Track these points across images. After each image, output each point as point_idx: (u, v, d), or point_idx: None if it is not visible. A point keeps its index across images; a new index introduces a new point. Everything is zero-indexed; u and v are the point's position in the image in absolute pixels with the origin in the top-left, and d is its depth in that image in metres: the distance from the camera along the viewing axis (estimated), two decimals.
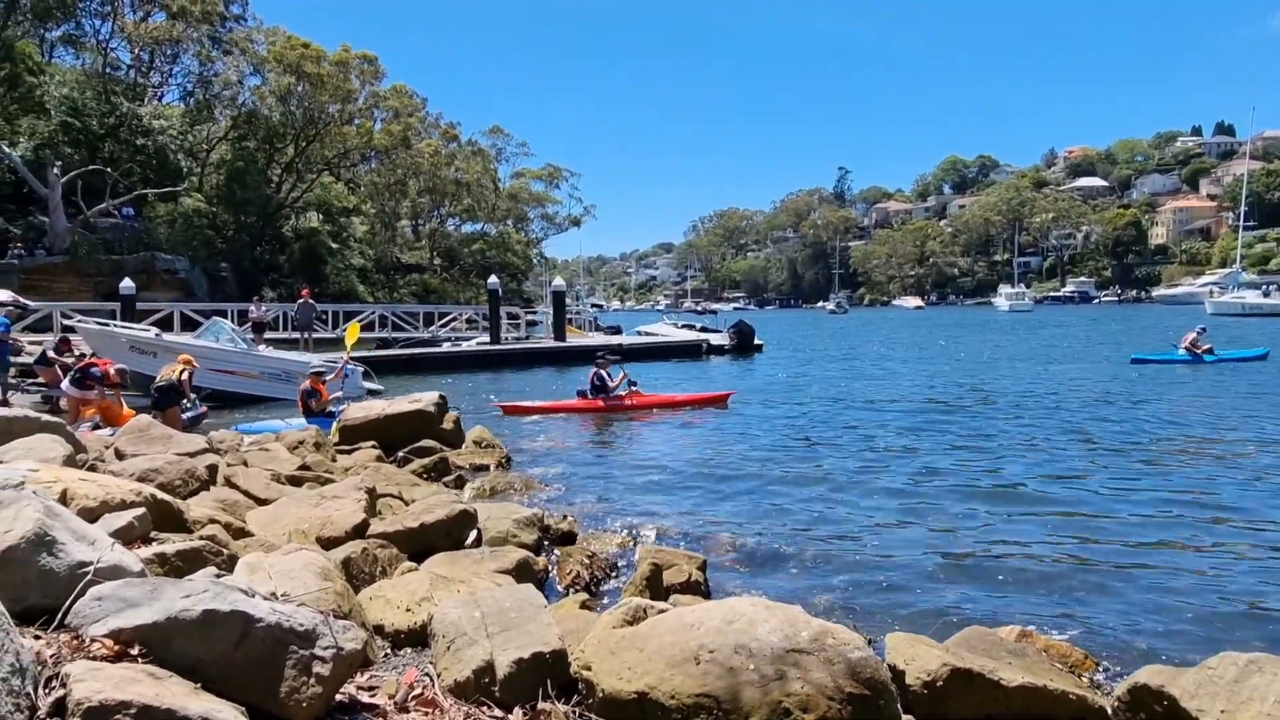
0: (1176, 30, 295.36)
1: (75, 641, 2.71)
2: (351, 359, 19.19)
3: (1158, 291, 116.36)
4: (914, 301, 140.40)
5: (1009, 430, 14.26)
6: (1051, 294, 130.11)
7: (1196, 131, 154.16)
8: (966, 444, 13.09)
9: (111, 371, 13.18)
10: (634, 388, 17.02)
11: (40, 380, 16.82)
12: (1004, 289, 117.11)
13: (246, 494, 7.23)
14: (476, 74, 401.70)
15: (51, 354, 16.14)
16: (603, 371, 16.88)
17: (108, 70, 39.76)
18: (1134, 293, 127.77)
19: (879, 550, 7.47)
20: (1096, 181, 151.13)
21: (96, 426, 11.82)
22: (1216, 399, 17.97)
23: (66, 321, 20.68)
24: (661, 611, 3.90)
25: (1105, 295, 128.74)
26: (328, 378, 15.01)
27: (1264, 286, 75.08)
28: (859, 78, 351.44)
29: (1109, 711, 3.88)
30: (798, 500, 9.44)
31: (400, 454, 10.81)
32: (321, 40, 43.57)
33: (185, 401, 13.14)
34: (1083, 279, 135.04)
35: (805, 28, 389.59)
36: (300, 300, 27.41)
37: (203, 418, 13.80)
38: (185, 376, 12.99)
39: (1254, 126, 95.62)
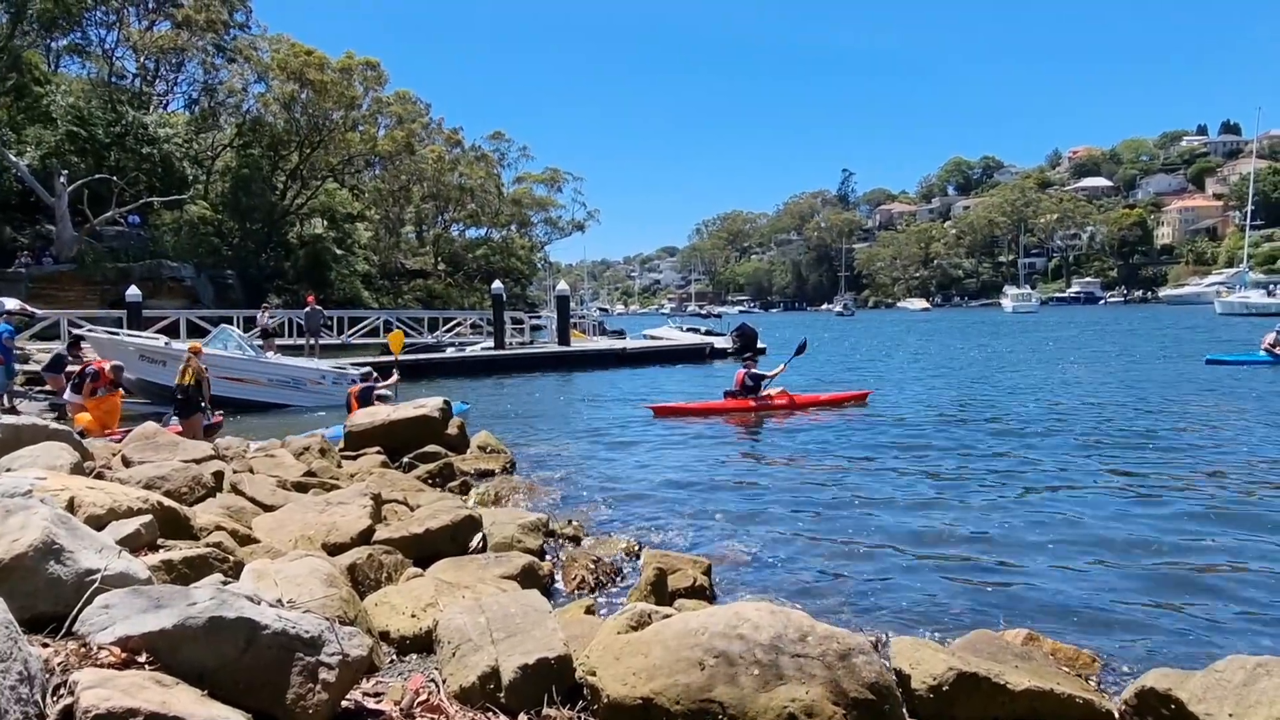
0: (1181, 29, 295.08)
1: (83, 649, 2.73)
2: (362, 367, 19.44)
3: (1164, 292, 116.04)
4: (920, 303, 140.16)
5: (1052, 438, 13.75)
6: (1057, 295, 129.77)
7: (1202, 131, 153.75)
8: (991, 449, 12.94)
9: (106, 369, 13.15)
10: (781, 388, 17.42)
11: (48, 388, 16.86)
12: (1010, 290, 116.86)
13: (253, 501, 7.25)
14: (479, 79, 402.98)
15: (66, 354, 16.11)
16: (752, 371, 17.13)
17: (113, 79, 40.01)
18: (1140, 293, 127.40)
19: (885, 554, 7.45)
20: (1101, 181, 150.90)
21: (82, 434, 11.31)
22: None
23: (75, 330, 20.78)
24: (666, 616, 3.90)
25: (1111, 296, 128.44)
26: (380, 388, 15.49)
27: (1269, 285, 74.81)
28: (861, 80, 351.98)
29: (1116, 715, 3.86)
30: (804, 504, 9.41)
31: (405, 459, 10.82)
32: (325, 47, 43.81)
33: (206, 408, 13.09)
34: (1088, 280, 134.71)
35: (807, 31, 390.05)
36: (308, 307, 27.51)
37: (217, 427, 13.76)
38: (203, 381, 12.80)
39: (1260, 126, 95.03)
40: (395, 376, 16.78)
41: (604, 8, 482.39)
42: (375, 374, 16.39)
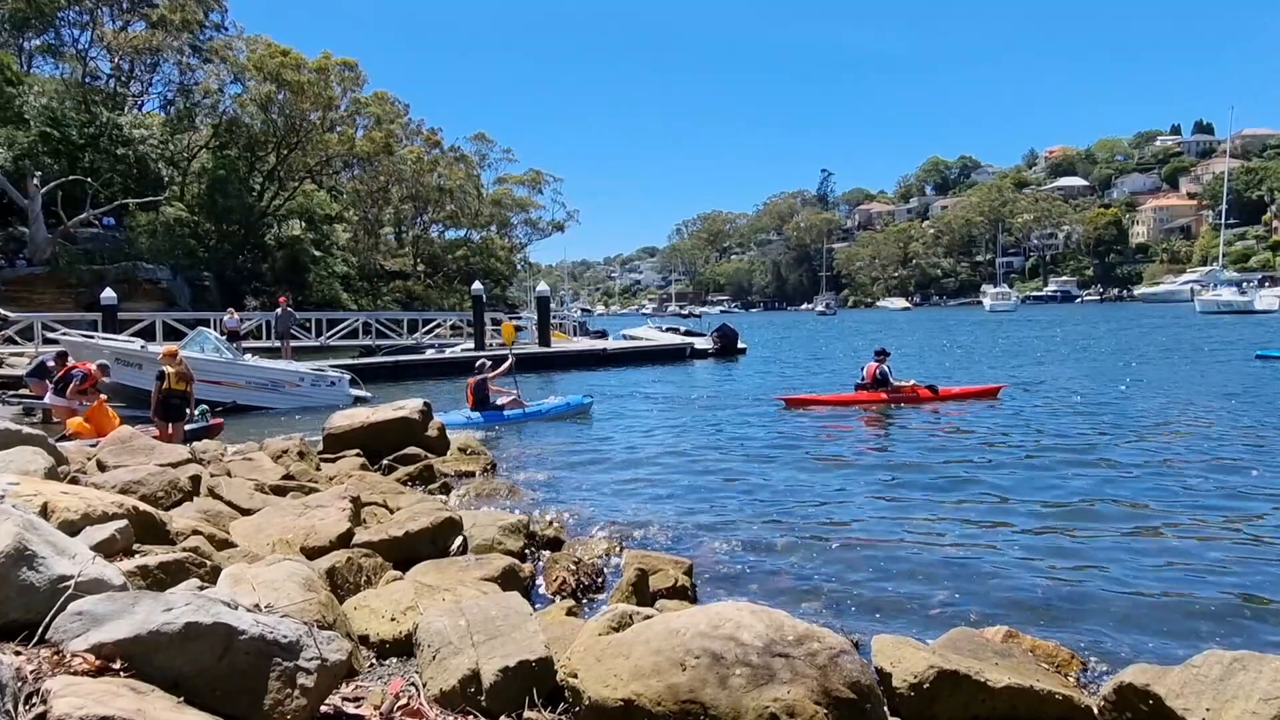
0: (1155, 30, 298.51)
1: (56, 657, 2.69)
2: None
3: (1139, 290, 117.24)
4: (900, 303, 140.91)
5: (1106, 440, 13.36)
6: (1034, 294, 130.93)
7: (1176, 130, 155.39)
8: (983, 446, 12.97)
9: (93, 369, 12.94)
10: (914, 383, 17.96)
11: (26, 393, 16.60)
12: (988, 289, 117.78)
13: (230, 504, 7.17)
14: (458, 80, 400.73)
15: (51, 364, 15.71)
16: (883, 366, 17.56)
17: (87, 80, 39.58)
18: (1115, 291, 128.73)
19: (865, 553, 7.47)
20: (1077, 181, 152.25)
21: (66, 438, 10.90)
22: None
23: (49, 334, 20.47)
24: (647, 617, 3.89)
25: (1087, 294, 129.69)
26: (495, 371, 16.61)
27: (1242, 284, 75.76)
28: (840, 80, 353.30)
29: (1095, 711, 3.89)
30: (785, 503, 9.43)
31: (385, 461, 10.75)
32: (302, 47, 43.49)
33: (193, 412, 12.93)
34: (1065, 278, 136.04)
35: (787, 32, 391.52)
36: (279, 309, 27.29)
37: (215, 430, 13.53)
38: (189, 388, 12.50)
39: (1233, 125, 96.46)
40: (510, 360, 17.68)
41: (585, 9, 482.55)
42: (488, 363, 16.90)
